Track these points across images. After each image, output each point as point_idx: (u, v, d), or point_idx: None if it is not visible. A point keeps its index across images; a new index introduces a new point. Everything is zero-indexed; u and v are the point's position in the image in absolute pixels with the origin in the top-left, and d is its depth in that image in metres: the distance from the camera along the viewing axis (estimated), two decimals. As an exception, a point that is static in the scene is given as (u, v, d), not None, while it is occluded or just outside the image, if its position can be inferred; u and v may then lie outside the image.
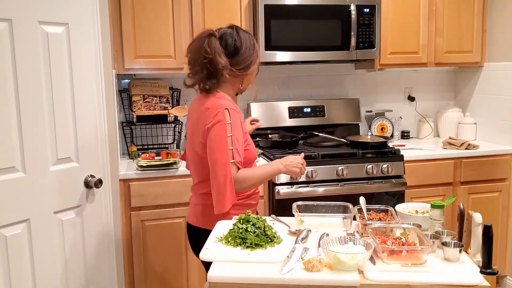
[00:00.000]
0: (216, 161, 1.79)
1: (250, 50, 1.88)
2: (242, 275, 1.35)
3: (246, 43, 1.87)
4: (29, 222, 1.95)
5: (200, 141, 1.85)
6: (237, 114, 1.85)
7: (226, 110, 1.80)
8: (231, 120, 1.80)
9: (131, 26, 2.75)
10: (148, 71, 2.85)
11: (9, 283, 1.89)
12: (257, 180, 1.89)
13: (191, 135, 1.94)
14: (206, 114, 1.82)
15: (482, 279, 1.33)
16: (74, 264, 2.17)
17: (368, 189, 2.79)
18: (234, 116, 1.81)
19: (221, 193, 1.78)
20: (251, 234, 1.53)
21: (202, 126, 1.83)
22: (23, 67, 1.88)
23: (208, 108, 1.83)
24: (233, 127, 1.80)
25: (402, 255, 1.37)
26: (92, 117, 2.22)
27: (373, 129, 3.43)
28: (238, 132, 1.82)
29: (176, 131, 3.08)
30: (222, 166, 1.77)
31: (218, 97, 1.86)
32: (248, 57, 1.88)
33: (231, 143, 1.79)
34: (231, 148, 1.78)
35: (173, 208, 2.67)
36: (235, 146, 1.79)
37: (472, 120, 3.42)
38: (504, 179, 3.11)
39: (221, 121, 1.79)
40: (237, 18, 2.89)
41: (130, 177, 2.59)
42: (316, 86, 3.45)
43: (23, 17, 1.87)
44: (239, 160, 1.81)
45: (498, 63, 3.22)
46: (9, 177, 1.87)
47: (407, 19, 3.14)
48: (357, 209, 1.74)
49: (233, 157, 1.79)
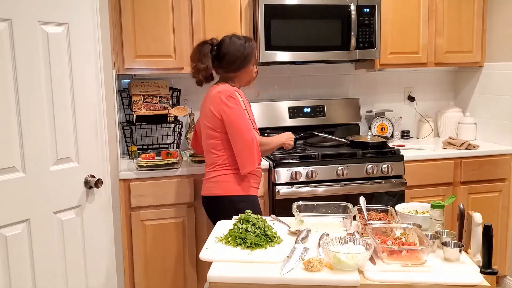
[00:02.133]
0: (242, 129, 2.20)
1: (237, 53, 2.27)
2: (242, 275, 1.36)
3: (234, 48, 2.28)
4: (29, 222, 1.95)
5: (212, 115, 2.24)
6: (243, 95, 2.29)
7: (236, 92, 2.25)
8: (242, 98, 2.27)
9: (131, 26, 2.75)
10: (148, 71, 2.85)
11: (9, 283, 1.89)
12: (270, 147, 2.41)
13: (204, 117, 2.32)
14: (219, 96, 2.23)
15: (482, 279, 1.33)
16: (74, 264, 2.17)
17: (368, 189, 2.79)
18: (243, 96, 2.29)
19: (250, 152, 2.20)
20: (251, 234, 1.53)
21: (217, 104, 2.22)
22: (23, 67, 1.88)
23: (220, 91, 2.25)
24: (245, 104, 2.28)
25: (402, 255, 1.37)
26: (92, 117, 2.21)
27: (373, 129, 3.43)
28: (249, 108, 2.29)
29: (176, 131, 3.08)
30: (247, 131, 2.20)
31: (225, 85, 2.30)
32: (237, 60, 2.28)
33: (248, 115, 2.25)
34: (249, 119, 2.25)
35: (173, 208, 2.67)
36: (252, 117, 2.29)
37: (472, 120, 3.42)
38: (504, 179, 3.11)
39: (235, 99, 2.23)
40: (237, 18, 2.89)
41: (130, 177, 2.59)
42: (316, 86, 3.45)
43: (23, 17, 1.87)
44: (256, 127, 2.31)
45: (498, 63, 3.22)
46: (9, 177, 1.87)
47: (407, 19, 3.14)
48: (357, 209, 1.74)
49: (253, 125, 2.28)
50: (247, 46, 2.32)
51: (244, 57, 2.30)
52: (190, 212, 2.69)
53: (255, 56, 2.37)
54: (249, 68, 2.35)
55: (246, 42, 2.32)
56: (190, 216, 2.70)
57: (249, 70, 2.36)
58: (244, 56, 2.30)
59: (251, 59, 2.33)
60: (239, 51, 2.29)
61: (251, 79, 2.42)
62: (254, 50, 2.34)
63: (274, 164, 2.71)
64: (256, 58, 2.38)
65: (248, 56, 2.31)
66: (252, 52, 2.32)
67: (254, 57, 2.35)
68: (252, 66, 2.36)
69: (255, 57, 2.36)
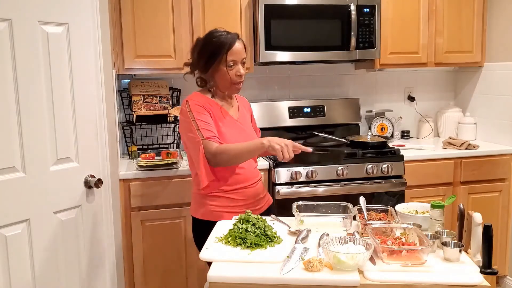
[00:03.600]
0: (187, 142, 1.97)
1: (204, 48, 1.97)
2: (242, 275, 1.36)
3: (204, 42, 1.99)
4: (29, 222, 1.95)
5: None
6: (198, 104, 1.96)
7: (187, 102, 1.97)
8: (191, 109, 1.94)
9: (131, 26, 2.75)
10: (148, 71, 2.85)
11: (9, 283, 1.89)
12: (237, 152, 1.88)
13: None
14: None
15: (482, 279, 1.33)
16: (74, 264, 2.17)
17: (368, 189, 2.79)
18: (193, 105, 1.95)
19: (199, 169, 1.89)
20: (251, 234, 1.53)
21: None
22: (23, 67, 1.88)
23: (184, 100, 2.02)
24: (195, 113, 1.93)
25: (402, 255, 1.37)
26: (92, 117, 2.21)
27: (373, 129, 3.43)
28: (202, 117, 1.93)
29: (176, 131, 3.08)
30: (193, 145, 1.91)
31: (194, 93, 2.06)
32: (202, 55, 1.97)
33: (197, 126, 1.91)
34: (198, 129, 1.90)
35: (173, 208, 2.66)
36: (201, 126, 1.91)
37: (472, 120, 3.42)
38: (504, 179, 3.11)
39: (184, 109, 1.96)
40: (237, 18, 2.89)
41: (130, 177, 2.59)
42: (316, 86, 3.45)
43: (23, 17, 1.87)
44: (211, 135, 1.90)
45: (498, 63, 3.22)
46: (9, 177, 1.87)
47: (407, 19, 3.14)
48: (357, 209, 1.74)
49: (203, 135, 1.89)
50: (214, 40, 1.94)
51: (210, 53, 1.94)
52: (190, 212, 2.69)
53: (236, 54, 1.95)
54: (219, 68, 1.96)
55: (217, 34, 1.96)
56: (190, 216, 2.69)
57: (221, 71, 1.96)
58: (210, 52, 1.94)
59: (220, 56, 1.93)
60: (205, 45, 1.97)
61: (228, 83, 1.99)
62: (225, 45, 1.93)
63: (274, 164, 2.71)
64: (235, 58, 1.96)
65: (216, 52, 1.93)
66: (221, 46, 1.93)
67: (230, 55, 1.94)
68: (223, 67, 1.95)
69: (233, 55, 1.95)
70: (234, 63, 1.96)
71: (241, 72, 1.99)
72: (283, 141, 1.83)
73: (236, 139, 1.98)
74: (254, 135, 2.16)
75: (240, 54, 1.98)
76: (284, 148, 1.80)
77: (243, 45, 2.01)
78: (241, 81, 2.01)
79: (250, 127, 2.18)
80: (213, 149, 1.86)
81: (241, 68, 1.99)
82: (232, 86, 2.01)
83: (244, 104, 2.24)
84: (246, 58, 2.03)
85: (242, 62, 2.00)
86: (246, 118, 2.18)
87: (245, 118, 2.16)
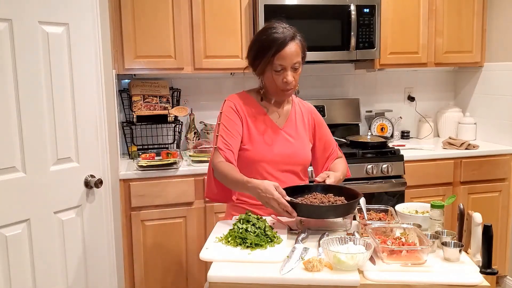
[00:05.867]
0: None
1: (249, 49, 1.79)
2: (242, 275, 1.35)
3: (251, 44, 1.80)
4: (29, 222, 1.95)
5: None
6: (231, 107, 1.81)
7: (224, 101, 1.85)
8: (222, 110, 1.83)
9: (131, 26, 2.75)
10: (148, 71, 2.85)
11: (9, 283, 1.89)
12: (227, 181, 1.70)
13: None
14: None
15: (482, 279, 1.33)
16: (74, 264, 2.17)
17: (368, 189, 2.79)
18: (226, 107, 1.82)
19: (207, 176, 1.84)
20: (251, 234, 1.53)
21: None
22: (23, 67, 1.88)
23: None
24: (223, 117, 1.81)
25: (402, 255, 1.37)
26: (92, 117, 2.21)
27: (373, 129, 3.43)
28: (228, 123, 1.79)
29: (176, 131, 3.08)
30: (213, 148, 1.81)
31: (241, 92, 1.91)
32: (248, 56, 1.82)
33: (217, 130, 1.80)
34: (217, 135, 1.79)
35: (173, 208, 2.67)
36: (221, 133, 1.78)
37: (472, 120, 3.42)
38: (504, 179, 3.11)
39: (221, 110, 1.85)
40: (237, 18, 2.89)
41: (130, 177, 2.59)
42: (316, 86, 3.45)
43: (23, 17, 1.87)
44: (223, 147, 1.74)
45: (498, 63, 3.22)
46: (9, 177, 1.87)
47: (407, 19, 3.14)
48: (357, 209, 1.74)
49: (216, 143, 1.77)
50: (264, 38, 1.71)
51: (256, 52, 1.73)
52: (190, 212, 2.69)
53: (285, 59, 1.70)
54: (266, 70, 1.74)
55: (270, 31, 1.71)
56: (190, 216, 2.70)
57: (268, 74, 1.75)
58: (256, 51, 1.73)
59: (265, 58, 1.70)
60: (254, 41, 1.76)
61: (274, 89, 1.78)
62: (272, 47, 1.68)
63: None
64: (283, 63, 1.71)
65: (263, 53, 1.70)
66: (268, 47, 1.69)
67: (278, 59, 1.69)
68: (269, 71, 1.73)
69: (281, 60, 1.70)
70: (282, 68, 1.72)
71: (288, 79, 1.73)
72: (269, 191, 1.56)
73: (273, 148, 1.80)
74: (303, 147, 1.90)
75: (290, 59, 1.71)
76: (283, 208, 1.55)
77: (298, 46, 1.75)
78: (290, 88, 1.76)
79: (301, 137, 1.90)
80: (215, 162, 1.74)
81: (289, 74, 1.72)
82: (279, 92, 1.79)
83: (305, 112, 1.95)
84: (300, 62, 1.76)
85: (293, 68, 1.74)
86: (299, 128, 1.90)
87: (295, 128, 1.89)
